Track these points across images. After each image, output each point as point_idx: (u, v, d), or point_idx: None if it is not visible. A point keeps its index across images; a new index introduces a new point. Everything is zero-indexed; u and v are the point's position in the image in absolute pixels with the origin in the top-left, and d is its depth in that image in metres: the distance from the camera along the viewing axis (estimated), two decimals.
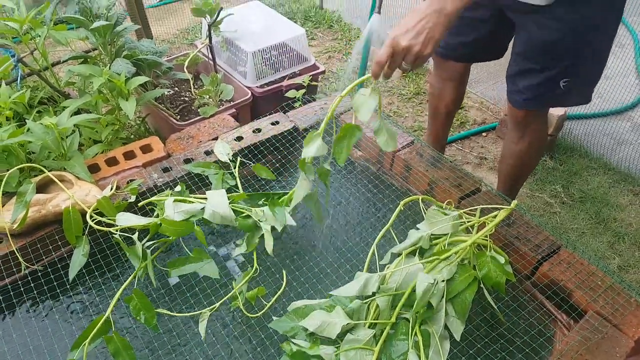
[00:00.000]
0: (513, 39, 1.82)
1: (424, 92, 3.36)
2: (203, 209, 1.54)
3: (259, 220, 1.56)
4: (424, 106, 3.26)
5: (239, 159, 1.77)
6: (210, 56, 2.61)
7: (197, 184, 1.73)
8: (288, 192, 1.62)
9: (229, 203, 1.55)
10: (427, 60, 1.40)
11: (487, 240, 1.44)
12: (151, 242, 1.49)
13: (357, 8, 4.32)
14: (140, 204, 1.61)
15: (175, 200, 1.54)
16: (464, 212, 1.54)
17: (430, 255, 1.43)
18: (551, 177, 2.77)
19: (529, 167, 2.11)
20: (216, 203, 1.54)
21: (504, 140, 2.07)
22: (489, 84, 3.47)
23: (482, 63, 2.65)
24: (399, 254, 1.46)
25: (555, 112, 2.72)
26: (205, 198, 1.60)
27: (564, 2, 1.54)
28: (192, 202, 1.56)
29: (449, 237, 1.45)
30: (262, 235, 1.53)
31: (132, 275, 1.43)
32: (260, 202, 1.62)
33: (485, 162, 2.89)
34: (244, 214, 1.57)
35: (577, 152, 2.92)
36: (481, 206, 1.56)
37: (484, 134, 3.10)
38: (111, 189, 1.64)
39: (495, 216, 1.49)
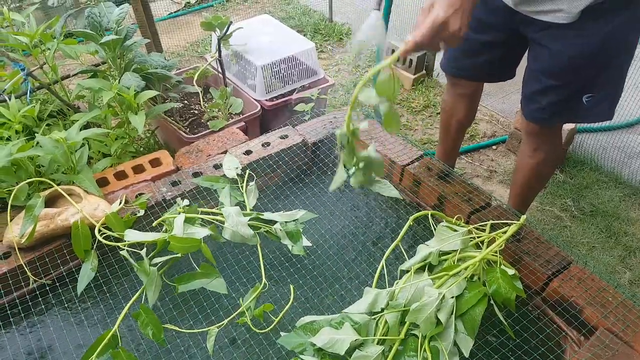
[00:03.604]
0: (528, 57, 1.80)
1: (433, 105, 3.35)
2: (215, 226, 1.55)
3: (279, 238, 1.59)
4: (434, 119, 3.25)
5: (247, 173, 1.77)
6: (219, 69, 2.62)
7: (206, 197, 1.73)
8: (296, 217, 1.64)
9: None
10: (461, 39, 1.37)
11: (496, 256, 1.43)
12: (160, 258, 1.49)
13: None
14: (154, 223, 1.61)
15: (186, 218, 1.53)
16: (473, 228, 1.52)
17: (439, 271, 1.42)
18: (561, 190, 2.76)
19: (543, 180, 2.09)
20: (235, 222, 1.54)
21: (517, 153, 2.06)
22: (498, 97, 3.46)
23: None
24: (408, 270, 1.45)
25: (566, 125, 2.71)
26: (215, 213, 1.60)
27: (588, 17, 1.53)
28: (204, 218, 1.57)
29: (458, 253, 1.44)
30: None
31: (139, 291, 1.42)
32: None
33: (495, 175, 2.88)
34: (261, 229, 1.60)
35: (587, 166, 2.90)
36: (491, 221, 1.54)
37: (494, 147, 3.09)
38: (120, 203, 1.64)
39: (505, 232, 1.47)
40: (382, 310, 1.34)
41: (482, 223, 1.55)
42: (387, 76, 1.25)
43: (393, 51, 2.03)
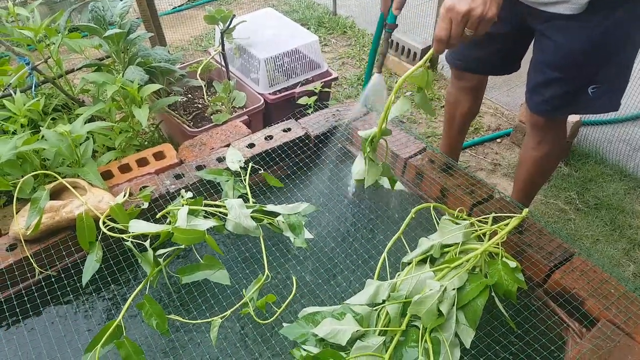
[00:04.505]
0: (533, 48, 1.80)
1: (437, 98, 3.35)
2: (219, 218, 1.57)
3: (281, 230, 1.61)
4: (438, 112, 3.25)
5: (250, 166, 1.78)
6: (223, 63, 2.63)
7: (209, 190, 1.74)
8: (298, 210, 1.65)
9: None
10: (491, 23, 1.31)
11: (498, 248, 1.43)
12: (165, 249, 1.50)
13: (370, 14, 4.33)
14: (158, 215, 1.62)
15: (190, 210, 1.54)
16: (476, 220, 1.53)
17: (441, 263, 1.42)
18: (566, 183, 2.75)
19: (547, 173, 2.09)
20: (238, 214, 1.55)
21: (521, 146, 2.06)
22: (503, 90, 3.45)
23: None
24: (410, 262, 1.45)
25: (571, 118, 2.70)
26: (219, 205, 1.61)
27: (594, 9, 1.53)
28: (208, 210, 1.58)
29: (460, 245, 1.44)
30: None
31: (143, 282, 1.44)
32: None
33: (499, 168, 2.88)
34: (263, 222, 1.61)
35: (592, 159, 2.89)
36: (493, 214, 1.55)
37: (498, 140, 3.08)
38: (124, 195, 1.65)
39: (507, 224, 1.48)
40: (384, 301, 1.35)
41: (485, 216, 1.56)
42: (421, 72, 1.40)
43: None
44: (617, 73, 1.69)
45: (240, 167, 1.76)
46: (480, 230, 1.51)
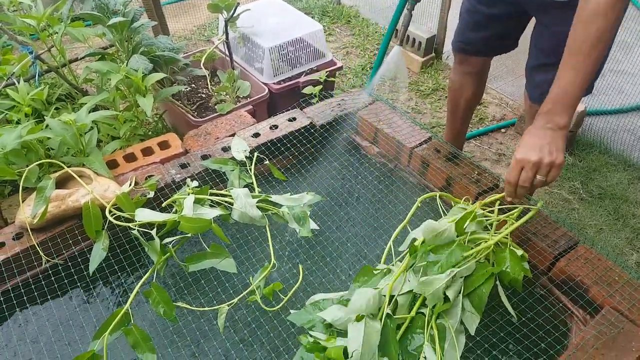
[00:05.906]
0: (531, 34, 1.82)
1: (442, 88, 3.35)
2: (225, 208, 1.57)
3: (285, 220, 1.61)
4: (443, 102, 3.25)
5: (255, 155, 1.78)
6: (227, 52, 2.62)
7: (215, 179, 1.74)
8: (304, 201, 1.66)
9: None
10: (562, 168, 1.42)
11: (506, 238, 1.43)
12: (171, 238, 1.51)
13: (375, 3, 4.31)
14: (164, 204, 1.62)
15: (196, 199, 1.55)
16: (485, 211, 1.53)
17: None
18: (570, 173, 2.75)
19: None
20: (244, 204, 1.56)
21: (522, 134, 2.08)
22: (508, 80, 3.44)
23: (501, 59, 2.65)
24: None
25: None
26: (224, 195, 1.62)
27: None
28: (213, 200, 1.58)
29: (468, 235, 1.44)
30: None
31: (150, 270, 1.44)
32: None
33: (504, 158, 2.88)
34: (269, 212, 1.61)
35: (596, 149, 2.89)
36: (500, 205, 1.55)
37: (503, 130, 3.08)
38: (130, 184, 1.66)
39: (514, 214, 1.49)
40: None
41: (490, 204, 1.56)
42: None
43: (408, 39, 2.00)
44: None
45: (246, 157, 1.76)
46: (487, 220, 1.51)
